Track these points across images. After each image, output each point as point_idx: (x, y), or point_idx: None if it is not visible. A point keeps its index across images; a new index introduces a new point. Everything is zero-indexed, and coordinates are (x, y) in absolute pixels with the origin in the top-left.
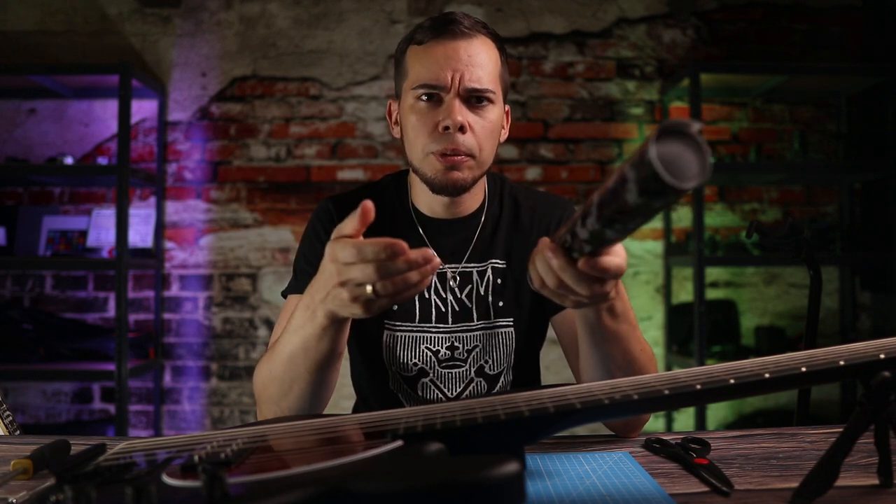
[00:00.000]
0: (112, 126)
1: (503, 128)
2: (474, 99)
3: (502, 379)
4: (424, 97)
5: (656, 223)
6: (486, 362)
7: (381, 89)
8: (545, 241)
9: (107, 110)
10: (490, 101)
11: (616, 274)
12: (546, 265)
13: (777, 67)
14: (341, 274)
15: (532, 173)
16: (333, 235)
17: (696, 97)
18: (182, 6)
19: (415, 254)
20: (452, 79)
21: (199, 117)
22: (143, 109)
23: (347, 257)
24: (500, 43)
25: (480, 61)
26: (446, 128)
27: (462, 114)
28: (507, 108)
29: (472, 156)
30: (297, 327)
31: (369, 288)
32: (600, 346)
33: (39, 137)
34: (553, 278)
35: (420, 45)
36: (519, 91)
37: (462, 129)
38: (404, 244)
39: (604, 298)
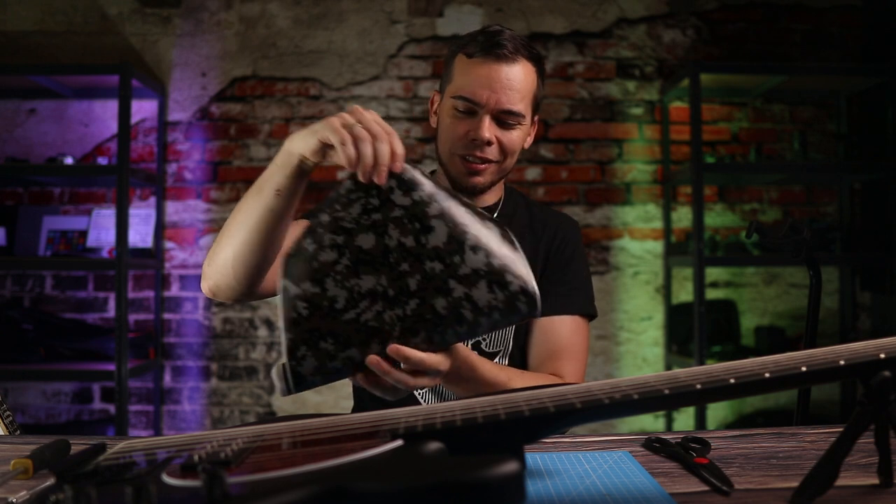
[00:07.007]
0: (112, 126)
1: (529, 135)
2: (504, 119)
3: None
4: (461, 108)
5: (656, 223)
6: (484, 339)
7: (381, 89)
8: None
9: (107, 110)
10: (519, 122)
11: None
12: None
13: (777, 67)
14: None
15: (532, 173)
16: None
17: (696, 97)
18: (182, 6)
19: None
20: (488, 99)
21: (199, 117)
22: (143, 109)
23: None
24: (540, 64)
25: (517, 86)
26: (474, 139)
27: (490, 130)
28: (537, 118)
29: (495, 162)
30: (257, 189)
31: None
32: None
33: (39, 137)
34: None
35: (469, 57)
36: None
37: (489, 143)
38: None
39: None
